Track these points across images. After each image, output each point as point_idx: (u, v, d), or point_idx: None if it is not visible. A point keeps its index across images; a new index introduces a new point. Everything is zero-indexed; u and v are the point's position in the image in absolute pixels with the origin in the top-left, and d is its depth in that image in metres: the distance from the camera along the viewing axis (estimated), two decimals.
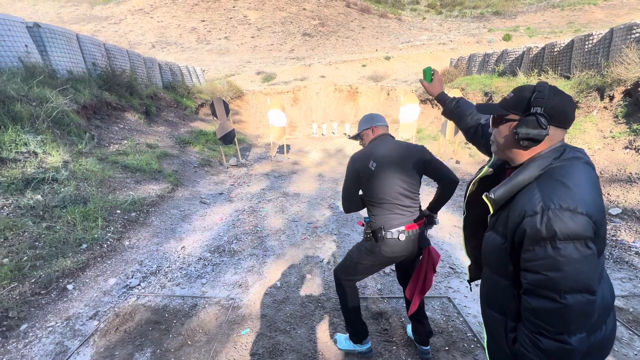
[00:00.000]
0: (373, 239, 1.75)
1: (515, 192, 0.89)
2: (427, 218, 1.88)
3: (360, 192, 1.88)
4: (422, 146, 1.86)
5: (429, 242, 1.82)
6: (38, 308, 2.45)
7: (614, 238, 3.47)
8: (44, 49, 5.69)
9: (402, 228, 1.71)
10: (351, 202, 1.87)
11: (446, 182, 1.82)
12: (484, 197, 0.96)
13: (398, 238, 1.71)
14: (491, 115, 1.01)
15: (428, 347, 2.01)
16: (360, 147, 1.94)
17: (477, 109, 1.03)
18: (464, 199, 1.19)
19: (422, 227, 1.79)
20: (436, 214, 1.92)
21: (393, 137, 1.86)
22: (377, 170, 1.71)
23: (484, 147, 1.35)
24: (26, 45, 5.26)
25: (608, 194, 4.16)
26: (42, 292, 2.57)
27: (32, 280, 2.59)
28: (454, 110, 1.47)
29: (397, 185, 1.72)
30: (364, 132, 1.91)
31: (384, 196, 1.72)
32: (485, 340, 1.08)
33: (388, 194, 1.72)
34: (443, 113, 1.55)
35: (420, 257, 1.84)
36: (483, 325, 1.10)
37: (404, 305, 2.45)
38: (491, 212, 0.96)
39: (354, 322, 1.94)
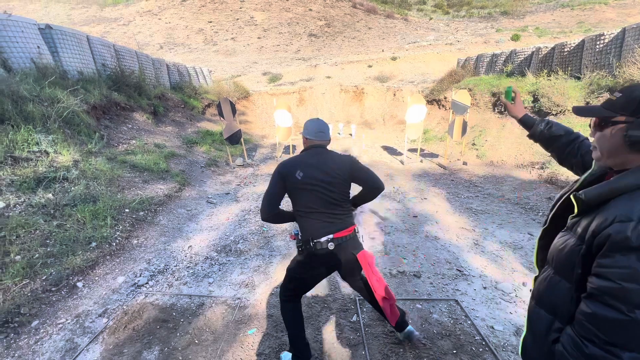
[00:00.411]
0: (305, 251, 1.76)
1: (611, 197, 0.82)
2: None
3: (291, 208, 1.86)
4: (350, 156, 1.90)
5: (361, 247, 1.84)
6: (49, 305, 2.48)
7: None
8: (55, 50, 5.79)
9: (331, 237, 1.73)
10: (272, 206, 1.77)
11: (371, 187, 1.85)
12: (571, 196, 0.90)
13: (327, 247, 1.72)
14: (592, 119, 0.94)
15: (409, 327, 2.07)
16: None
17: (575, 111, 0.96)
18: (550, 211, 1.09)
19: (352, 233, 1.82)
20: (356, 208, 2.03)
21: (325, 149, 1.86)
22: (303, 180, 1.71)
23: (580, 164, 1.26)
24: (38, 47, 5.36)
25: None
26: (53, 289, 2.61)
27: (43, 278, 2.63)
28: (545, 131, 1.36)
29: (323, 194, 1.73)
30: (303, 137, 1.93)
31: (311, 206, 1.73)
32: (523, 335, 1.06)
33: (315, 204, 1.73)
34: (530, 136, 1.42)
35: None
36: (526, 320, 1.06)
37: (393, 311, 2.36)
38: (575, 212, 0.91)
39: (295, 343, 1.89)
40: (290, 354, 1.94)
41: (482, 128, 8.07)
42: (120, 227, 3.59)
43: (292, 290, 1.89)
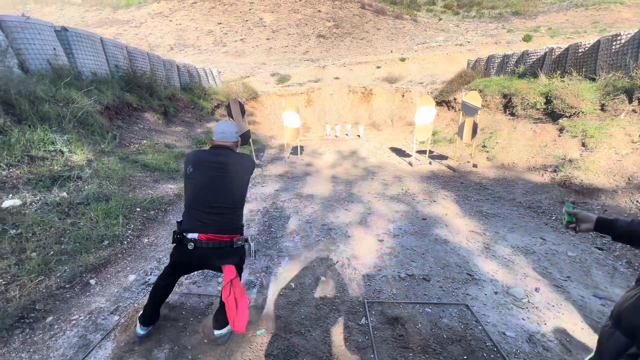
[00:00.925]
0: (175, 241, 1.80)
1: None
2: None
3: None
4: (251, 159, 1.91)
5: (231, 260, 1.78)
6: (63, 301, 2.54)
7: None
8: (70, 51, 5.93)
9: (196, 236, 1.72)
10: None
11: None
12: None
13: (187, 245, 1.73)
14: None
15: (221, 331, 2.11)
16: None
17: None
18: None
19: (226, 242, 1.76)
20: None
21: (229, 150, 1.88)
22: (190, 175, 1.76)
23: None
24: (54, 48, 5.50)
25: (637, 201, 3.97)
26: (67, 286, 2.66)
27: (58, 275, 2.69)
28: (632, 225, 1.20)
29: (205, 194, 1.74)
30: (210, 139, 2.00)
31: (190, 201, 1.76)
32: (589, 357, 1.01)
33: (193, 200, 1.75)
34: (616, 239, 1.28)
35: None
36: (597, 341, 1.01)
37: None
38: None
39: (149, 302, 2.08)
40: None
41: (493, 130, 7.95)
42: (132, 225, 3.65)
43: (165, 268, 2.04)
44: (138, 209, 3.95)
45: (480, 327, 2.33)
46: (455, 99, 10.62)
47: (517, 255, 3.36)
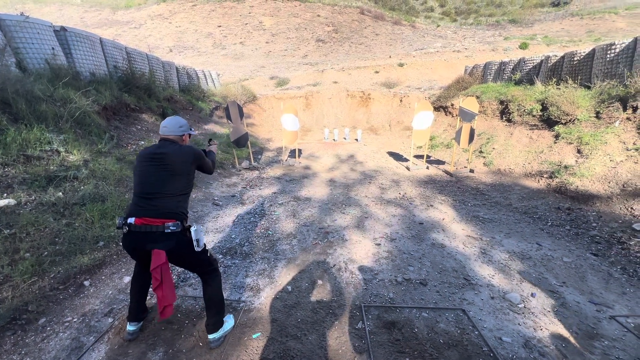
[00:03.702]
0: (121, 226, 1.88)
1: None
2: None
3: None
4: (191, 147, 2.03)
5: (162, 245, 1.81)
6: (56, 303, 2.50)
7: (637, 254, 3.33)
8: (69, 51, 5.92)
9: (132, 220, 1.81)
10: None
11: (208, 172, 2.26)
12: None
13: (124, 229, 1.84)
14: None
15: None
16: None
17: None
18: None
19: (159, 226, 1.81)
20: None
21: (171, 142, 2.02)
22: (136, 164, 1.96)
23: None
24: (53, 48, 5.48)
25: (632, 208, 4.01)
26: (60, 287, 2.63)
27: (51, 276, 2.66)
28: None
29: (142, 182, 1.88)
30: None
31: (135, 187, 1.91)
32: None
33: (136, 186, 1.91)
34: None
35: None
36: None
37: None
38: None
39: (130, 297, 2.19)
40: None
41: (490, 136, 8.02)
42: None
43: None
44: None
45: (476, 332, 2.32)
46: (452, 105, 10.70)
47: (513, 261, 3.37)
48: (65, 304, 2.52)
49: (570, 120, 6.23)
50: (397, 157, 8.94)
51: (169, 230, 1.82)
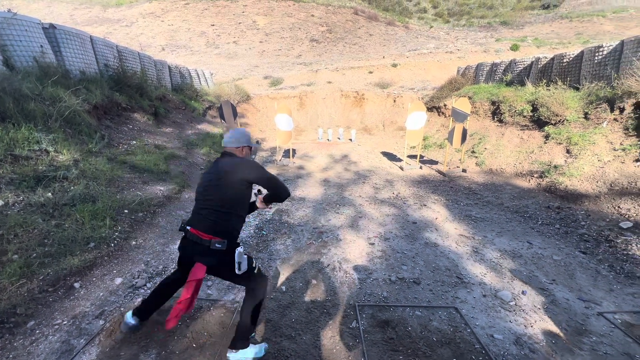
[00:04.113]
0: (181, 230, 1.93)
1: None
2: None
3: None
4: (241, 164, 1.91)
5: (205, 260, 1.79)
6: (45, 305, 2.46)
7: (624, 252, 3.41)
8: (58, 49, 5.81)
9: (189, 228, 1.86)
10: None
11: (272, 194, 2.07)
12: None
13: (181, 235, 1.92)
14: None
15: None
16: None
17: None
18: None
19: (203, 239, 1.79)
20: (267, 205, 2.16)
21: (232, 155, 1.99)
22: (201, 176, 2.02)
23: None
24: (41, 46, 5.37)
25: (619, 207, 4.10)
26: (50, 289, 2.58)
27: (40, 278, 2.61)
28: None
29: (201, 194, 1.91)
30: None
31: (196, 198, 1.96)
32: None
33: (195, 198, 1.96)
34: None
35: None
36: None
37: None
38: None
39: (151, 292, 2.18)
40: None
41: (482, 136, 8.12)
42: (119, 227, 3.57)
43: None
44: (126, 211, 3.87)
45: (469, 330, 2.35)
46: (445, 105, 10.81)
47: (504, 259, 3.42)
48: (54, 306, 2.48)
49: (559, 121, 6.35)
50: (391, 157, 8.99)
51: (214, 248, 1.80)
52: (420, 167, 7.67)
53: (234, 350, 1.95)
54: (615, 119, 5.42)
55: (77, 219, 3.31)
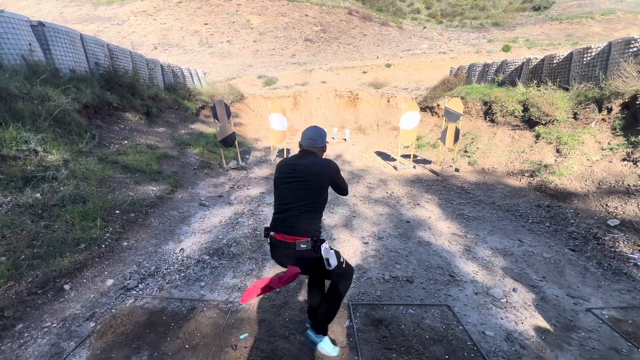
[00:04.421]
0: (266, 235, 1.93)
1: None
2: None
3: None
4: (330, 162, 1.94)
5: (292, 263, 1.79)
6: (34, 308, 2.41)
7: (612, 249, 3.49)
8: (47, 47, 5.70)
9: (272, 234, 1.86)
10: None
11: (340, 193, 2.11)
12: None
13: (267, 241, 1.90)
14: None
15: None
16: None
17: None
18: None
19: (289, 242, 1.78)
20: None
21: (312, 154, 1.95)
22: (277, 178, 1.93)
23: None
24: (30, 44, 5.27)
25: (606, 205, 4.19)
26: (39, 291, 2.54)
27: (29, 280, 2.56)
28: None
29: (282, 196, 1.88)
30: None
31: (274, 202, 1.94)
32: None
33: (275, 201, 1.93)
34: None
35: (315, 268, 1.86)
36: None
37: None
38: None
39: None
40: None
41: (474, 135, 8.21)
42: (110, 228, 3.52)
43: None
44: (117, 211, 3.82)
45: (461, 327, 2.38)
46: (438, 105, 10.90)
47: (496, 257, 3.47)
48: (44, 308, 2.44)
49: (549, 121, 6.46)
50: (385, 156, 9.04)
51: (299, 248, 1.79)
52: (414, 167, 7.73)
53: (321, 335, 2.02)
54: (603, 119, 5.53)
55: (67, 220, 3.26)
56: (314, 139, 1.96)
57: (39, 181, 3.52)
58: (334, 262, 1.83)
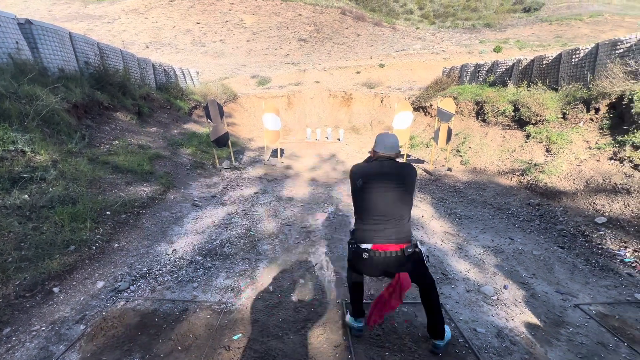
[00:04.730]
0: (349, 250, 1.92)
1: None
2: None
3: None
4: (410, 165, 1.96)
5: (404, 268, 1.83)
6: (22, 312, 2.37)
7: (599, 246, 3.56)
8: (35, 46, 5.60)
9: (369, 246, 1.83)
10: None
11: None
12: None
13: (362, 255, 1.84)
14: None
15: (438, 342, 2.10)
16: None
17: None
18: None
19: (396, 251, 1.82)
20: None
21: (392, 160, 1.96)
22: (361, 187, 1.88)
23: None
24: (17, 42, 5.17)
25: (594, 203, 4.28)
26: (27, 294, 2.49)
27: (17, 283, 2.51)
28: None
29: (376, 205, 1.84)
30: (371, 150, 2.07)
31: (363, 212, 1.88)
32: None
33: (366, 212, 1.87)
34: None
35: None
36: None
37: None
38: None
39: (351, 299, 2.20)
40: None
41: (466, 135, 8.30)
42: (101, 230, 3.47)
43: (349, 265, 2.10)
44: (108, 212, 3.77)
45: (453, 325, 2.41)
46: (431, 105, 10.99)
47: (487, 255, 3.52)
48: (32, 312, 2.39)
49: (539, 121, 6.56)
50: None
51: (408, 254, 1.82)
52: None
53: (441, 339, 2.04)
54: (591, 119, 5.65)
55: (56, 221, 3.20)
56: (392, 145, 1.98)
57: (26, 182, 3.46)
58: (429, 260, 1.95)
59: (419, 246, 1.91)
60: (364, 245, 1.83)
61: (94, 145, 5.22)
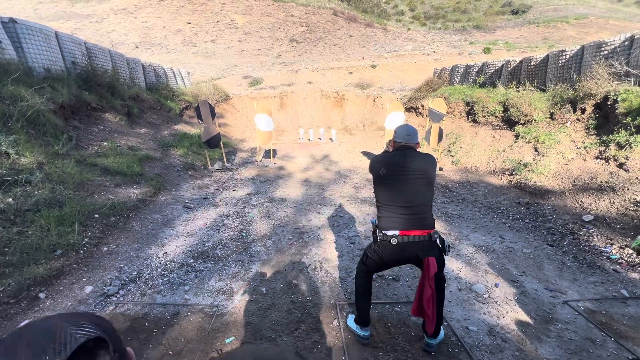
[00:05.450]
0: (375, 239, 1.94)
1: None
2: None
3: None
4: (431, 155, 2.00)
5: (432, 253, 1.87)
6: (6, 318, 2.30)
7: (586, 244, 3.64)
8: (19, 45, 5.46)
9: (397, 232, 1.85)
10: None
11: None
12: None
13: (390, 241, 1.86)
14: None
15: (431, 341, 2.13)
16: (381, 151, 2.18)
17: None
18: None
19: (424, 236, 1.86)
20: None
21: (413, 149, 2.00)
22: (385, 176, 1.91)
23: None
24: (0, 42, 5.03)
25: (581, 201, 4.37)
26: (12, 301, 2.42)
27: (1, 289, 2.44)
28: None
29: (401, 192, 1.87)
30: (391, 141, 2.10)
31: (388, 201, 1.90)
32: None
33: (391, 200, 1.89)
34: None
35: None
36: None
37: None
38: None
39: (359, 308, 2.17)
40: (353, 316, 2.30)
41: (457, 135, 8.40)
42: (89, 233, 3.40)
43: (365, 266, 2.10)
44: (96, 216, 3.69)
45: (445, 323, 2.43)
46: (422, 106, 11.09)
47: (479, 254, 3.56)
48: (17, 319, 2.32)
49: (528, 121, 6.68)
50: (371, 156, 9.11)
51: (434, 239, 1.87)
52: None
53: (435, 338, 2.09)
54: (577, 119, 5.77)
55: (41, 225, 3.12)
56: (412, 134, 2.01)
57: (11, 185, 3.36)
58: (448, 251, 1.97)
59: (442, 237, 1.96)
60: (390, 232, 1.86)
61: (81, 147, 5.11)
